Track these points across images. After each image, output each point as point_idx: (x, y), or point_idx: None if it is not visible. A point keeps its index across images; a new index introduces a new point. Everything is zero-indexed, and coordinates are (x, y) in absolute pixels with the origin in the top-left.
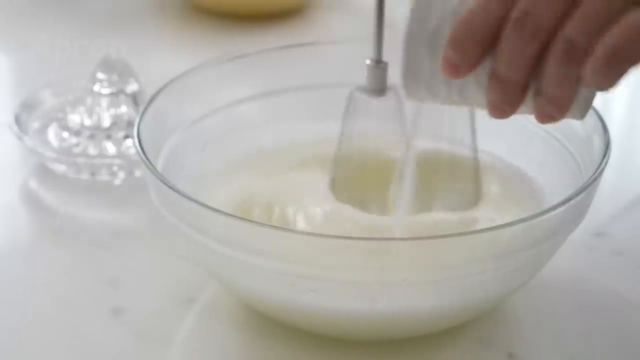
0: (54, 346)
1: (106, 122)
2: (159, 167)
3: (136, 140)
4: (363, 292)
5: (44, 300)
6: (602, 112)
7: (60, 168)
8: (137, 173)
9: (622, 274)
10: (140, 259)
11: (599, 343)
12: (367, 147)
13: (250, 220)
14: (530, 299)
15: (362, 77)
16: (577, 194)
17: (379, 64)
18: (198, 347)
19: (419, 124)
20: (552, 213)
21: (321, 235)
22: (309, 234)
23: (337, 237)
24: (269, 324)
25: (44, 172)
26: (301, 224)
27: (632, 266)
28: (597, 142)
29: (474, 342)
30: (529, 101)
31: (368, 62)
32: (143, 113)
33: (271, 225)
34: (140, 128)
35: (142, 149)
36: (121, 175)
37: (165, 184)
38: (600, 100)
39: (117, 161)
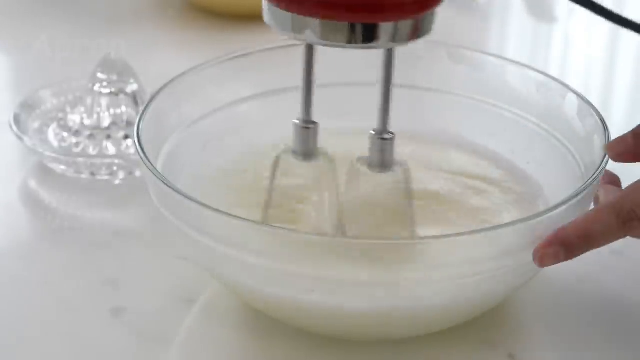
0: (53, 346)
1: (106, 122)
2: (159, 167)
3: (136, 140)
4: (362, 292)
5: (43, 300)
6: (602, 112)
7: (60, 168)
8: (137, 173)
9: (622, 274)
10: (140, 259)
11: (599, 343)
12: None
13: (250, 220)
14: (530, 299)
15: (362, 76)
16: (577, 194)
17: (308, 125)
18: (198, 347)
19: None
20: (552, 213)
21: (321, 235)
22: (309, 233)
23: (337, 237)
24: (269, 324)
25: (43, 172)
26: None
27: (632, 266)
28: (597, 142)
29: (475, 342)
30: None
31: (296, 121)
32: (143, 113)
33: (271, 225)
34: (140, 128)
35: (142, 149)
36: (121, 175)
37: (165, 184)
38: (600, 100)
39: (117, 161)
